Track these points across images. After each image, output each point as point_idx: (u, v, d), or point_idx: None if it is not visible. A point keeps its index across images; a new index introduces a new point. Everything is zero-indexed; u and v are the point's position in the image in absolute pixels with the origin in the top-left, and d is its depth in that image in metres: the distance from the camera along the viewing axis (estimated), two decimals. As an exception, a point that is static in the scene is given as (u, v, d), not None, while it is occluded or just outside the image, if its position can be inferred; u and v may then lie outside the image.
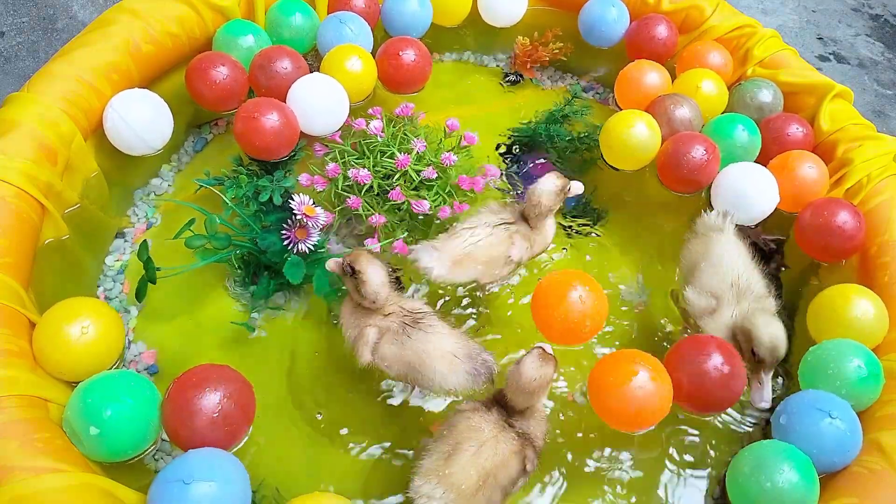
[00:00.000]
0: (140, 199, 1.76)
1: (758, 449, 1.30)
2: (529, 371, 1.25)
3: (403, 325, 1.38)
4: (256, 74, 1.78)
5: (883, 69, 2.77)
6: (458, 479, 1.21)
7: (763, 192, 1.68)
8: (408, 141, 1.72)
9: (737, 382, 1.34)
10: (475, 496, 1.21)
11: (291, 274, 1.50)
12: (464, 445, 1.23)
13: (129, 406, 1.22)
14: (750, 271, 1.53)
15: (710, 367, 1.33)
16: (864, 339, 1.46)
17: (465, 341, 1.39)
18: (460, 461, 1.21)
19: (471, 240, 1.52)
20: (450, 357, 1.35)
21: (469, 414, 1.28)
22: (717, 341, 1.37)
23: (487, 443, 1.24)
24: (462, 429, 1.26)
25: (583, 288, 1.40)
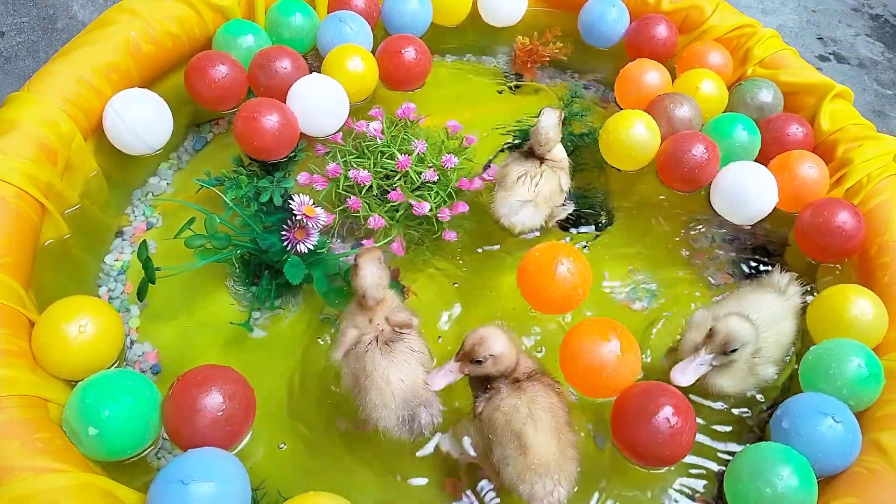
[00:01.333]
0: (139, 199, 1.76)
1: (755, 452, 1.29)
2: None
3: (376, 339, 1.34)
4: (256, 74, 1.78)
5: (883, 69, 2.77)
6: (545, 455, 1.22)
7: (762, 192, 1.68)
8: (408, 142, 1.72)
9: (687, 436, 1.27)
10: (565, 455, 1.25)
11: (291, 274, 1.49)
12: (523, 430, 1.23)
13: (128, 405, 1.22)
14: (766, 330, 1.46)
15: (661, 420, 1.25)
16: (865, 339, 1.45)
17: (416, 383, 1.30)
18: (533, 441, 1.22)
19: (532, 184, 1.62)
20: (387, 394, 1.29)
21: (494, 407, 1.27)
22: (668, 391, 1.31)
23: (531, 408, 1.25)
24: (503, 422, 1.25)
25: (568, 260, 1.43)
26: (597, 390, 1.38)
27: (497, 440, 1.26)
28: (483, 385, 1.32)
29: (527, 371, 1.32)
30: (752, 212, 1.70)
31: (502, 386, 1.29)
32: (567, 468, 1.26)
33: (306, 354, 1.54)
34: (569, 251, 1.46)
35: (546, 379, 1.32)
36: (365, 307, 1.38)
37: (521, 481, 1.23)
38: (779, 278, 1.58)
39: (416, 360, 1.34)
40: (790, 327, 1.52)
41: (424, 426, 1.31)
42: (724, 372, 1.40)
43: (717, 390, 1.41)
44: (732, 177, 1.71)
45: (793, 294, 1.56)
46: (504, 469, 1.25)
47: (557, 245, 1.51)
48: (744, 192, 1.68)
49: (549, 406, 1.27)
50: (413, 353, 1.34)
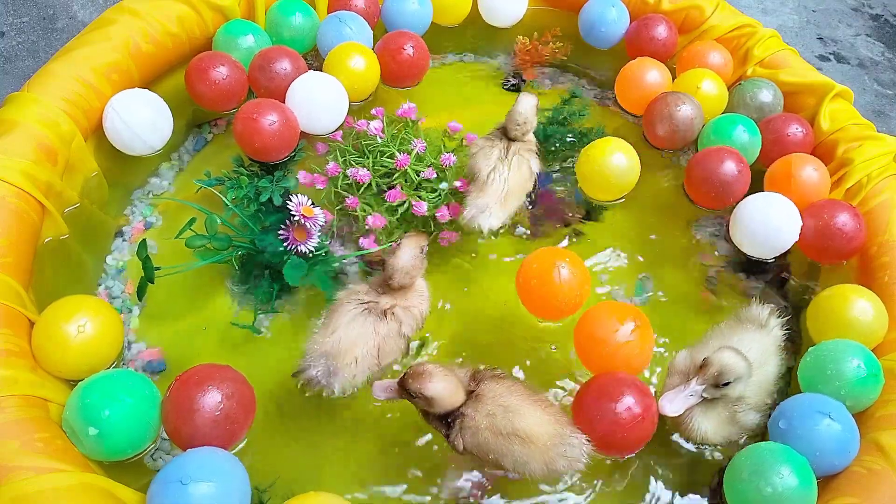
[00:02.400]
0: (139, 199, 1.76)
1: (755, 452, 1.29)
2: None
3: (369, 305, 1.38)
4: (256, 75, 1.78)
5: (883, 69, 2.77)
6: (547, 429, 1.23)
7: (785, 226, 1.62)
8: (408, 141, 1.72)
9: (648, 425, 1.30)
10: (555, 415, 1.26)
11: (290, 275, 1.50)
12: (515, 425, 1.23)
13: (128, 405, 1.22)
14: (758, 378, 1.40)
15: (622, 409, 1.27)
16: (864, 339, 1.45)
17: (359, 349, 1.34)
18: (531, 431, 1.22)
19: (501, 181, 1.61)
20: (330, 342, 1.34)
21: (470, 430, 1.24)
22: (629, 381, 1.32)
23: (505, 404, 1.24)
24: (491, 439, 1.23)
25: (566, 264, 1.44)
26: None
27: (501, 452, 1.23)
28: (444, 419, 1.27)
29: (469, 380, 1.29)
30: (773, 246, 1.65)
31: (467, 410, 1.25)
32: (564, 420, 1.26)
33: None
34: (565, 255, 1.46)
35: (487, 372, 1.30)
36: (386, 286, 1.40)
37: (552, 462, 1.22)
38: (758, 312, 1.50)
39: (388, 336, 1.38)
40: (774, 367, 1.46)
41: (315, 382, 1.33)
42: (708, 415, 1.35)
43: (701, 436, 1.36)
44: (753, 209, 1.65)
45: (774, 327, 1.50)
46: (527, 468, 1.23)
47: (554, 251, 1.50)
48: (766, 224, 1.62)
49: (507, 390, 1.25)
50: (389, 334, 1.38)
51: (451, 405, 1.24)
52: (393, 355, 1.42)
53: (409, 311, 1.42)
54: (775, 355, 1.47)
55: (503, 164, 1.62)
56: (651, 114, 1.85)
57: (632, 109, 2.01)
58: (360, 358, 1.35)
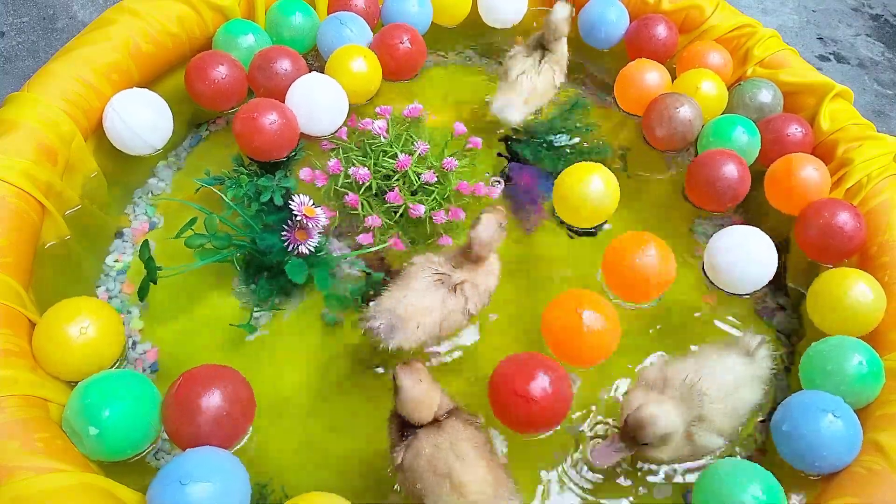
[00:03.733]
0: (139, 199, 1.76)
1: (721, 469, 1.26)
2: (407, 382, 1.20)
3: (443, 277, 1.45)
4: (255, 75, 1.78)
5: (883, 69, 2.77)
6: (484, 486, 1.20)
7: (761, 261, 1.58)
8: (411, 142, 1.72)
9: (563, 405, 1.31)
10: (497, 473, 1.23)
11: (294, 274, 1.50)
12: (452, 468, 1.19)
13: (128, 405, 1.22)
14: (721, 397, 1.36)
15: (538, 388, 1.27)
16: (862, 321, 1.47)
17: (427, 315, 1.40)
18: (466, 477, 1.18)
19: (529, 82, 1.86)
20: (402, 304, 1.40)
21: (413, 455, 1.22)
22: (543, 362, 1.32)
23: (452, 442, 1.21)
24: (428, 469, 1.20)
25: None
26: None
27: (426, 488, 1.19)
28: (401, 432, 1.25)
29: (445, 410, 1.26)
30: (747, 283, 1.60)
31: (418, 430, 1.23)
32: (506, 484, 1.22)
33: (306, 353, 1.54)
34: (591, 300, 1.43)
35: (464, 415, 1.27)
36: (464, 257, 1.45)
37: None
38: (749, 340, 1.45)
39: (453, 311, 1.42)
40: (751, 396, 1.41)
41: (375, 332, 1.38)
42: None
43: (650, 456, 1.33)
44: (729, 243, 1.60)
45: (761, 358, 1.44)
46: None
47: (579, 294, 1.46)
48: (741, 260, 1.57)
49: (469, 436, 1.22)
50: (455, 309, 1.43)
51: (414, 414, 1.21)
52: (453, 329, 1.47)
53: (477, 288, 1.47)
54: (753, 384, 1.42)
55: (533, 69, 1.86)
56: (650, 115, 1.85)
57: (631, 110, 2.01)
58: (423, 325, 1.41)
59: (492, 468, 1.21)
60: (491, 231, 1.43)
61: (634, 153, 1.95)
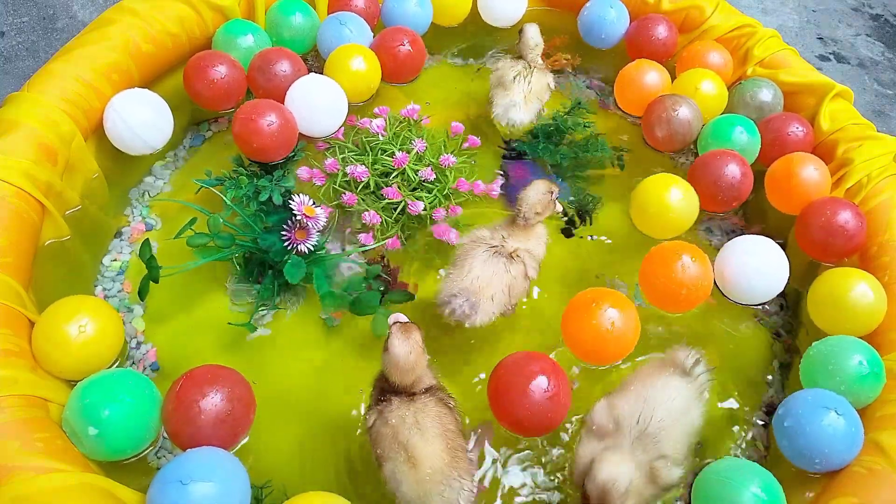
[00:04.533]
0: (138, 199, 1.76)
1: (721, 468, 1.27)
2: (399, 349, 1.21)
3: (498, 248, 1.50)
4: (255, 76, 1.78)
5: (883, 69, 2.77)
6: (437, 464, 1.19)
7: (772, 270, 1.56)
8: (409, 141, 1.72)
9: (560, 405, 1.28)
10: (455, 455, 1.22)
11: (291, 274, 1.50)
12: (410, 440, 1.20)
13: (127, 405, 1.22)
14: (673, 427, 1.31)
15: (535, 389, 1.26)
16: (863, 321, 1.47)
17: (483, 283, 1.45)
18: (422, 453, 1.19)
19: (525, 83, 1.88)
20: (464, 279, 1.46)
21: (381, 420, 1.23)
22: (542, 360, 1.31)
23: (418, 417, 1.21)
24: (390, 435, 1.21)
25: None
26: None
27: (384, 454, 1.21)
28: (380, 397, 1.27)
29: (424, 385, 1.28)
30: (760, 292, 1.58)
31: (393, 398, 1.24)
32: (462, 466, 1.23)
33: (306, 353, 1.54)
34: (612, 298, 1.43)
35: (440, 394, 1.28)
36: (513, 225, 1.52)
37: (426, 497, 1.18)
38: (684, 357, 1.40)
39: (517, 276, 1.47)
40: (697, 416, 1.36)
41: (459, 314, 1.42)
42: None
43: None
44: (740, 252, 1.58)
45: (699, 374, 1.39)
46: (398, 486, 1.20)
47: (600, 291, 1.47)
48: (753, 269, 1.55)
49: (436, 414, 1.23)
50: (517, 275, 1.48)
51: (395, 375, 1.23)
52: (520, 295, 1.53)
53: (531, 253, 1.52)
54: (698, 403, 1.37)
55: (526, 71, 1.90)
56: (649, 116, 1.85)
57: (631, 111, 2.01)
58: (495, 295, 1.45)
59: (449, 449, 1.22)
60: (539, 194, 1.50)
61: (634, 154, 1.95)
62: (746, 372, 1.60)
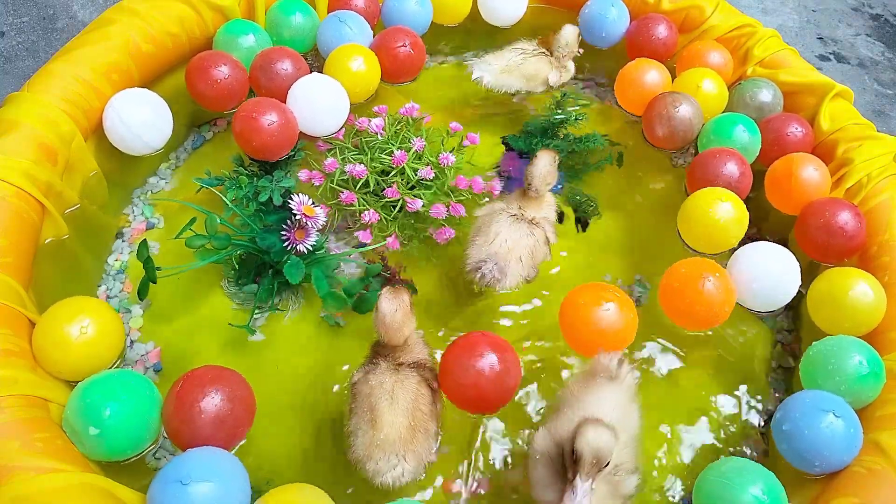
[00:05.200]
0: (138, 199, 1.76)
1: (722, 469, 1.26)
2: (386, 306, 1.27)
3: (516, 216, 1.56)
4: (257, 75, 1.78)
5: (883, 69, 2.77)
6: (392, 434, 1.22)
7: (784, 276, 1.54)
8: (408, 140, 1.72)
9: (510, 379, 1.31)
10: (415, 436, 1.25)
11: (291, 274, 1.50)
12: (378, 404, 1.24)
13: (128, 405, 1.22)
14: (627, 438, 1.25)
15: (485, 367, 1.27)
16: (862, 321, 1.47)
17: (506, 249, 1.49)
18: (384, 419, 1.23)
19: (517, 57, 1.91)
20: (485, 248, 1.51)
21: (363, 379, 1.29)
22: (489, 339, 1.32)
23: (395, 387, 1.26)
24: (366, 393, 1.27)
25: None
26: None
27: (354, 409, 1.28)
28: (371, 359, 1.32)
29: (414, 360, 1.32)
30: (772, 299, 1.56)
31: (382, 363, 1.30)
32: (416, 449, 1.25)
33: (306, 353, 1.54)
34: (615, 293, 1.44)
35: (426, 372, 1.31)
36: (524, 196, 1.58)
37: (368, 458, 1.23)
38: (607, 362, 1.35)
39: (539, 241, 1.54)
40: (636, 418, 1.32)
41: (488, 278, 1.47)
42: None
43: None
44: (751, 258, 1.56)
45: (626, 375, 1.35)
46: (354, 440, 1.26)
47: (602, 286, 1.47)
48: (764, 275, 1.53)
49: (413, 390, 1.27)
50: (539, 239, 1.55)
51: (382, 333, 1.28)
52: (542, 259, 1.59)
53: (547, 220, 1.60)
54: (634, 405, 1.33)
55: (528, 53, 1.93)
56: (650, 114, 1.85)
57: (631, 109, 2.01)
58: (522, 257, 1.51)
59: (411, 427, 1.24)
60: (547, 165, 1.56)
61: (634, 152, 1.95)
62: (747, 372, 1.60)
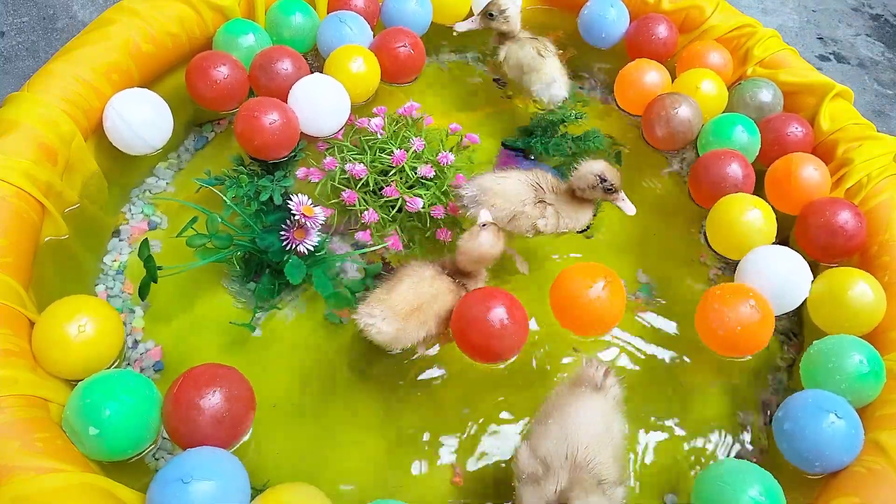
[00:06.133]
0: (138, 198, 1.76)
1: (720, 470, 1.27)
2: (487, 238, 1.41)
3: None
4: (257, 75, 1.78)
5: (883, 69, 2.77)
6: (395, 302, 1.37)
7: (795, 278, 1.53)
8: (408, 139, 1.72)
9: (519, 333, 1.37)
10: (410, 317, 1.37)
11: (292, 274, 1.50)
12: (404, 280, 1.40)
13: (128, 405, 1.22)
14: (601, 449, 1.22)
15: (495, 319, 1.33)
16: (862, 321, 1.48)
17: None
18: (399, 289, 1.39)
19: (553, 59, 1.90)
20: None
21: (413, 264, 1.45)
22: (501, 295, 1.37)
23: (425, 279, 1.41)
24: (406, 270, 1.43)
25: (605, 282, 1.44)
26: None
27: (402, 276, 1.42)
28: (435, 263, 1.47)
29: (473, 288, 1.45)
30: (784, 301, 1.54)
31: (438, 268, 1.45)
32: (401, 324, 1.36)
33: (307, 352, 1.54)
34: (606, 272, 1.45)
35: (463, 291, 1.44)
36: (572, 196, 1.62)
37: (365, 303, 1.38)
38: (593, 372, 1.32)
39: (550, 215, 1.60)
40: (619, 430, 1.29)
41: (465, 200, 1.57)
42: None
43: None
44: (761, 261, 1.55)
45: (611, 386, 1.31)
46: (369, 295, 1.42)
47: (593, 266, 1.47)
48: (775, 279, 1.51)
49: (441, 290, 1.41)
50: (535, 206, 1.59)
51: (468, 262, 1.43)
52: (543, 227, 1.62)
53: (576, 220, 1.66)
54: (618, 416, 1.30)
55: (543, 49, 1.90)
56: (649, 115, 1.85)
57: (631, 110, 2.01)
58: (515, 208, 1.57)
59: (415, 310, 1.38)
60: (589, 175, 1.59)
61: (634, 153, 1.95)
62: (747, 371, 1.60)
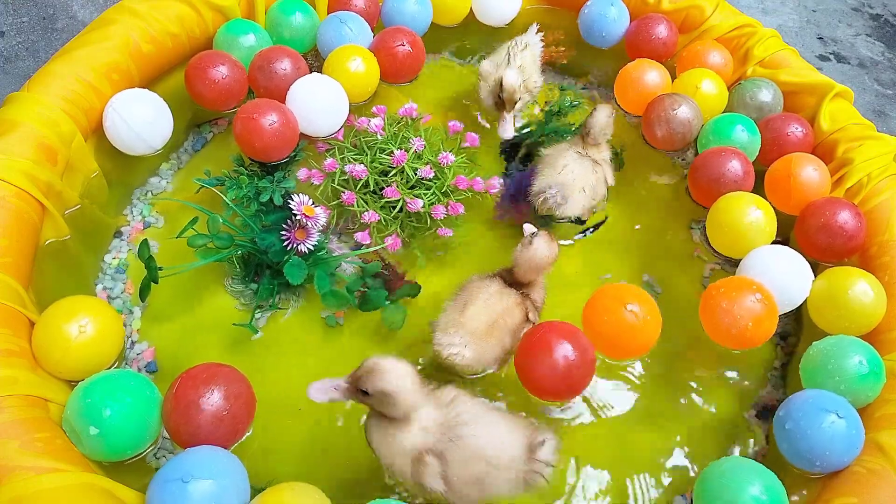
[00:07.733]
0: (138, 199, 1.76)
1: (722, 468, 1.27)
2: (543, 246, 1.43)
3: (579, 152, 1.71)
4: (256, 75, 1.78)
5: (883, 69, 2.77)
6: (471, 324, 1.39)
7: (796, 279, 1.53)
8: (408, 140, 1.73)
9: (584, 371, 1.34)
10: (488, 337, 1.39)
11: (292, 275, 1.50)
12: (475, 298, 1.42)
13: (128, 405, 1.22)
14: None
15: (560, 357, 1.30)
16: (862, 321, 1.48)
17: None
18: (472, 310, 1.40)
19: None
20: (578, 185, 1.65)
21: (476, 280, 1.48)
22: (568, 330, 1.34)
23: (494, 295, 1.43)
24: (472, 289, 1.45)
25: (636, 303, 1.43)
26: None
27: (456, 296, 1.46)
28: (495, 275, 1.50)
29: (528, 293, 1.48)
30: (786, 301, 1.53)
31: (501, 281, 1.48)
32: (482, 346, 1.38)
33: (307, 352, 1.54)
34: (637, 294, 1.44)
35: (530, 304, 1.47)
36: (586, 142, 1.73)
37: (442, 330, 1.40)
38: (535, 435, 1.24)
39: (600, 176, 1.73)
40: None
41: (555, 201, 1.63)
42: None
43: None
44: (762, 261, 1.55)
45: (544, 455, 1.23)
46: (442, 315, 1.44)
47: (622, 288, 1.46)
48: (776, 277, 1.51)
49: (510, 304, 1.43)
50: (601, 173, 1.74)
51: (525, 270, 1.45)
52: (601, 198, 1.76)
53: (607, 161, 1.77)
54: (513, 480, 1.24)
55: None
56: (649, 116, 1.85)
57: (631, 110, 2.01)
58: (585, 188, 1.67)
59: (492, 329, 1.40)
60: (604, 118, 1.71)
61: (634, 153, 1.95)
62: (747, 370, 1.60)
